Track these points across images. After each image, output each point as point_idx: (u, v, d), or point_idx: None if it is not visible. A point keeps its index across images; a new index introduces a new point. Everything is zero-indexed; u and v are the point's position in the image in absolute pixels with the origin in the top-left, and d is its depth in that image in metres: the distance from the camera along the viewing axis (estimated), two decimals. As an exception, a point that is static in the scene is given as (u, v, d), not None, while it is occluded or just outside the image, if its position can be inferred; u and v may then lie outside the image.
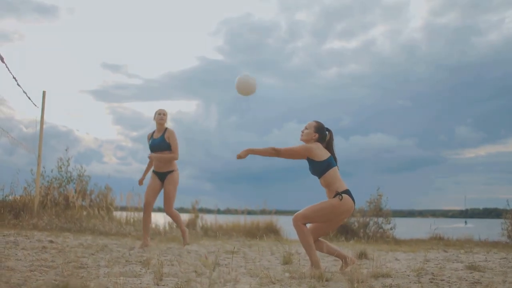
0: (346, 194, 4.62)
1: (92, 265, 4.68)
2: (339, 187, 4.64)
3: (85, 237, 8.37)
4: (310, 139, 4.84)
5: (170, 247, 7.29)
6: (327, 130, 4.92)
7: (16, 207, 10.27)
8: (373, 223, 13.06)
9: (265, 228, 12.65)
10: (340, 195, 4.57)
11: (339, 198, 4.56)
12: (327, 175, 4.67)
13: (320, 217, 4.61)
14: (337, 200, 4.57)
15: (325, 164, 4.67)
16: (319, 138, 4.84)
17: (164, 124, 7.17)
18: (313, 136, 4.83)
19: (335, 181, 4.66)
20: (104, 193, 12.81)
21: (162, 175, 7.12)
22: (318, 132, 4.85)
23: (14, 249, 5.84)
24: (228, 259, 5.94)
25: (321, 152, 4.71)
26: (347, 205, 4.59)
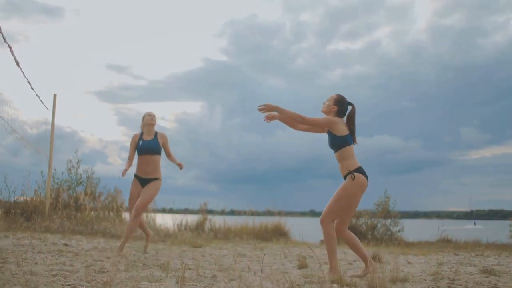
0: (358, 171, 4.66)
1: (111, 269, 4.72)
2: (351, 165, 4.69)
3: (97, 239, 8.41)
4: (329, 111, 4.88)
5: (184, 250, 7.34)
6: (349, 104, 4.93)
7: (28, 210, 10.33)
8: (381, 226, 13.11)
9: (274, 230, 12.70)
10: (352, 174, 4.62)
11: (352, 178, 4.62)
12: (342, 151, 4.73)
13: (342, 206, 4.65)
14: (349, 181, 4.63)
15: (343, 140, 4.72)
16: (338, 111, 4.86)
17: (154, 126, 6.71)
18: (332, 109, 4.86)
19: (348, 158, 4.72)
20: (113, 195, 12.84)
21: (145, 181, 6.54)
22: (337, 105, 4.86)
23: (30, 253, 5.89)
24: (243, 263, 5.98)
25: (342, 127, 4.75)
26: (360, 182, 4.63)
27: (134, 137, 6.70)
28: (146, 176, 6.53)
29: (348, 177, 4.65)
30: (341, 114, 4.87)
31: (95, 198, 12.31)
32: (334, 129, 4.73)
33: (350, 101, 4.93)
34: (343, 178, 4.78)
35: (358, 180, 4.62)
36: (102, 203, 12.25)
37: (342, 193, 4.65)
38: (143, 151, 6.53)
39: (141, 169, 6.55)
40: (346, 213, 4.76)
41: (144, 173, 6.53)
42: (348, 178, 4.65)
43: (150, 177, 6.53)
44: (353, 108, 4.91)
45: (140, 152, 6.55)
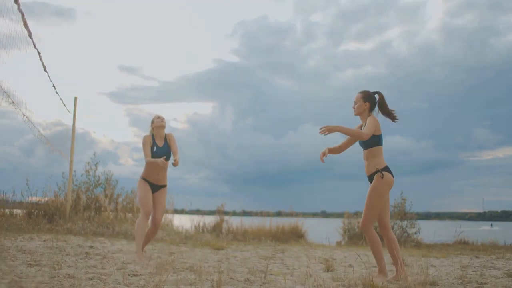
0: (386, 170, 4.71)
1: (143, 272, 4.80)
2: (379, 163, 4.74)
3: (120, 241, 8.51)
4: (363, 111, 4.90)
5: (208, 253, 7.41)
6: (375, 93, 4.97)
7: (49, 211, 10.46)
8: (398, 227, 13.10)
9: (291, 231, 12.74)
10: (381, 172, 4.67)
11: (380, 176, 4.67)
12: (372, 150, 4.77)
13: (376, 206, 4.69)
14: (378, 180, 4.67)
15: (376, 139, 4.76)
16: (371, 106, 4.91)
17: (165, 129, 6.43)
18: (365, 107, 4.89)
19: (376, 157, 4.76)
20: (130, 196, 12.95)
21: (155, 187, 6.34)
22: (367, 101, 4.90)
23: (59, 255, 5.99)
24: (269, 265, 6.04)
25: (378, 126, 4.78)
26: (389, 180, 4.69)
27: (147, 138, 6.32)
28: (156, 183, 6.34)
29: (377, 176, 4.69)
30: (373, 107, 4.93)
31: (112, 200, 12.43)
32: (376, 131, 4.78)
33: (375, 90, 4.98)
34: (368, 177, 4.83)
35: (386, 178, 4.67)
36: (120, 204, 12.36)
37: (374, 194, 4.69)
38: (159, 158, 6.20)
39: (151, 175, 6.30)
40: (384, 213, 4.82)
41: (154, 180, 6.30)
42: (377, 177, 4.69)
43: (160, 184, 6.36)
44: (380, 95, 4.95)
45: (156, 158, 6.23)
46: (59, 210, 10.53)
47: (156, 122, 6.39)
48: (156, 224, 6.32)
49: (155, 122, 6.41)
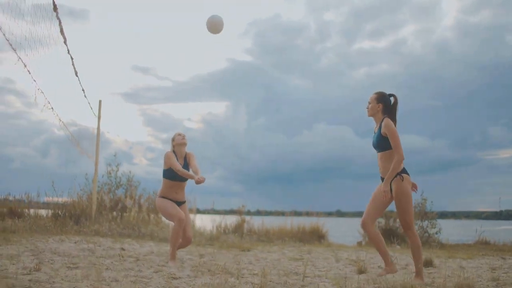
0: (404, 172, 4.74)
1: (182, 275, 4.88)
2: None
3: (147, 243, 8.62)
4: (376, 112, 4.94)
5: (236, 254, 7.49)
6: (391, 96, 4.98)
7: (75, 213, 10.60)
8: (418, 227, 13.08)
9: (312, 232, 12.77)
10: (401, 175, 4.70)
11: (401, 179, 4.70)
12: (387, 153, 4.79)
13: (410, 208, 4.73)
14: (399, 183, 4.69)
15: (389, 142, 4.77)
16: (384, 108, 4.93)
17: (186, 146, 6.32)
18: (378, 108, 4.93)
19: (392, 159, 4.74)
20: (152, 197, 13.06)
21: (177, 204, 6.20)
22: (380, 102, 4.93)
23: (93, 257, 6.10)
24: (299, 267, 6.11)
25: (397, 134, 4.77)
26: (409, 182, 4.72)
27: (171, 154, 6.18)
28: (182, 200, 6.29)
29: (397, 180, 4.71)
30: (387, 109, 4.94)
31: (135, 201, 12.55)
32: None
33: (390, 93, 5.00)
34: (382, 179, 4.85)
35: (406, 180, 4.71)
36: (143, 205, 12.48)
37: (403, 200, 4.70)
38: (177, 179, 6.14)
39: (170, 194, 6.20)
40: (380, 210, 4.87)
41: (173, 198, 6.21)
42: (397, 182, 4.71)
43: (180, 201, 6.27)
44: (395, 99, 4.97)
45: (174, 178, 6.14)
46: (84, 211, 10.67)
47: (177, 139, 6.30)
48: (189, 240, 6.24)
49: (176, 139, 6.32)
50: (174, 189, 6.19)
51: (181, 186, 6.24)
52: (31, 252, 6.29)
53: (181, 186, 6.23)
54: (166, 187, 6.21)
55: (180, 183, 6.19)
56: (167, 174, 6.17)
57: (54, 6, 5.76)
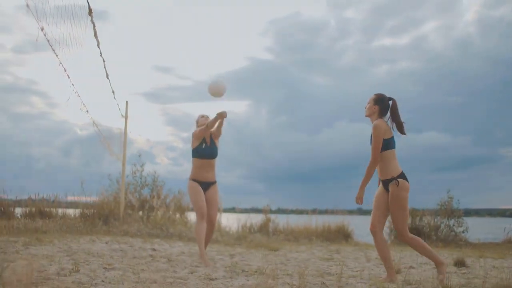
0: (401, 177, 4.70)
1: (218, 276, 4.91)
2: (394, 170, 4.73)
3: (177, 244, 8.68)
4: (372, 113, 4.93)
5: (266, 254, 7.51)
6: (390, 100, 4.95)
7: (103, 213, 10.72)
8: (445, 226, 12.96)
9: (337, 231, 12.73)
10: (396, 180, 4.67)
11: (396, 184, 4.66)
12: (383, 154, 4.75)
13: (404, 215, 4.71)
14: (395, 188, 4.67)
15: (385, 143, 4.75)
16: (381, 110, 4.91)
17: None
18: (374, 109, 4.91)
19: (389, 161, 4.75)
20: (178, 197, 13.16)
21: (206, 185, 6.40)
22: (377, 104, 4.91)
23: (126, 258, 6.17)
24: (331, 267, 6.11)
25: (386, 130, 4.77)
26: (405, 187, 4.68)
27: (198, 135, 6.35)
28: (206, 180, 6.38)
29: (392, 185, 4.70)
30: (383, 112, 4.92)
31: (161, 201, 12.64)
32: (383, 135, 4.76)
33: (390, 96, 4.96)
34: (382, 181, 4.83)
35: (402, 185, 4.67)
36: (168, 205, 12.57)
37: (397, 206, 4.70)
38: (206, 156, 6.34)
39: (200, 174, 6.35)
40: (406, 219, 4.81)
41: (204, 178, 6.36)
42: (393, 186, 4.69)
43: (210, 181, 6.41)
44: (393, 102, 4.93)
45: (202, 156, 6.34)
46: (113, 211, 10.78)
47: (201, 121, 6.51)
48: (212, 222, 6.42)
49: (200, 121, 6.54)
50: (204, 168, 6.35)
51: (211, 165, 6.39)
52: (65, 253, 6.38)
53: (210, 164, 6.37)
54: (196, 168, 6.38)
55: (209, 160, 6.36)
56: (195, 153, 6.36)
57: (89, 10, 5.84)
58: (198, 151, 6.35)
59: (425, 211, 13.28)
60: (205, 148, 6.37)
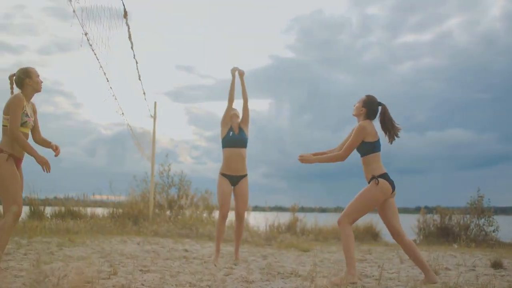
0: (383, 177, 4.62)
1: (255, 279, 4.88)
2: (375, 170, 4.66)
3: (207, 244, 8.69)
4: (359, 114, 4.87)
5: (299, 255, 7.47)
6: (379, 105, 4.86)
7: (133, 213, 10.79)
8: (474, 226, 12.74)
9: (365, 230, 12.63)
10: (376, 179, 4.59)
11: (376, 182, 4.58)
12: (369, 157, 4.70)
13: (361, 208, 4.66)
14: (373, 185, 4.60)
15: (371, 146, 4.69)
16: (367, 113, 4.82)
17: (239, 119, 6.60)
18: (361, 111, 4.84)
19: (373, 164, 4.68)
20: (205, 196, 13.18)
21: (235, 179, 6.41)
22: (365, 106, 4.83)
23: (159, 259, 6.18)
24: (365, 268, 6.04)
25: (371, 133, 4.70)
26: (384, 188, 4.59)
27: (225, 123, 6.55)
28: (236, 173, 6.38)
29: (372, 182, 4.63)
30: (371, 116, 4.84)
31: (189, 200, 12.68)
32: (365, 138, 4.70)
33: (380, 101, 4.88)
34: (367, 183, 4.74)
35: (381, 185, 4.59)
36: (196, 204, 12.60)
37: (363, 195, 4.65)
38: (233, 144, 6.38)
39: (230, 166, 6.38)
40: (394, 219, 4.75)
41: (233, 170, 6.37)
42: (372, 183, 4.62)
43: (240, 174, 6.39)
44: (383, 109, 4.84)
45: (229, 145, 6.38)
46: (142, 212, 10.85)
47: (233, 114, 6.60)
48: (239, 217, 6.48)
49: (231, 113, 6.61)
50: (233, 158, 6.38)
51: (240, 155, 6.39)
52: (99, 254, 6.44)
53: (239, 154, 6.39)
54: (225, 159, 6.43)
55: (238, 150, 6.38)
56: (223, 142, 6.46)
57: (124, 12, 5.87)
58: (226, 140, 6.44)
59: (454, 209, 13.10)
60: (232, 136, 6.43)
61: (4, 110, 4.60)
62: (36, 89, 4.77)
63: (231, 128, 6.49)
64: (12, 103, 4.53)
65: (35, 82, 4.73)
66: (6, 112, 4.56)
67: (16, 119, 4.49)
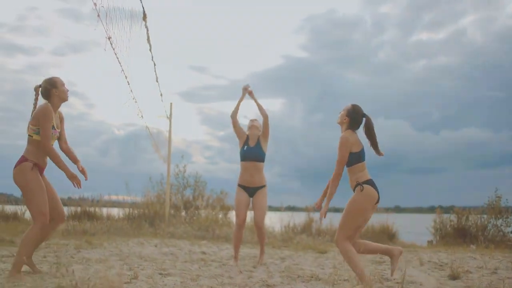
0: (368, 184, 4.53)
1: (276, 282, 4.86)
2: (360, 177, 4.57)
3: (224, 246, 8.67)
4: (342, 122, 4.80)
5: (317, 257, 7.43)
6: (363, 116, 4.77)
7: (149, 215, 10.80)
8: (492, 226, 12.58)
9: (381, 231, 12.51)
10: (361, 185, 4.50)
11: (360, 189, 4.49)
12: (354, 167, 4.61)
13: (353, 222, 4.53)
14: (358, 193, 4.51)
15: (355, 156, 4.60)
16: (351, 123, 4.73)
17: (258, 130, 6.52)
18: (344, 120, 4.76)
19: (358, 173, 4.59)
20: (220, 197, 13.16)
21: (252, 190, 6.38)
22: (349, 116, 4.73)
23: (178, 262, 6.17)
24: (385, 271, 5.98)
25: (355, 144, 4.62)
26: (369, 194, 4.49)
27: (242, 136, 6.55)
28: (252, 185, 6.36)
29: (357, 189, 4.53)
30: (354, 126, 4.74)
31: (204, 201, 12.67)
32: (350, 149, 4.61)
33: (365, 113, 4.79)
34: (353, 191, 4.64)
35: (366, 191, 4.49)
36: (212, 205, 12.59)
37: (352, 208, 4.52)
38: (246, 158, 6.36)
39: (245, 178, 6.38)
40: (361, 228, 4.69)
41: (249, 183, 6.36)
42: (357, 190, 4.53)
43: (256, 185, 6.37)
44: (367, 121, 4.76)
45: (243, 158, 6.38)
46: (158, 213, 10.85)
47: (249, 123, 6.58)
48: (258, 226, 6.42)
49: (248, 124, 6.59)
50: (248, 171, 6.36)
51: (255, 168, 6.36)
52: (117, 257, 6.44)
53: (254, 167, 6.35)
54: (241, 170, 6.43)
55: (252, 163, 6.34)
56: (239, 155, 6.45)
57: (144, 15, 5.87)
58: (240, 153, 6.44)
59: (471, 209, 12.96)
60: (246, 149, 6.38)
61: (31, 120, 4.60)
62: (63, 99, 4.79)
63: (247, 141, 6.46)
64: (42, 115, 4.52)
65: (62, 91, 4.74)
66: (34, 123, 4.56)
67: (47, 133, 4.50)
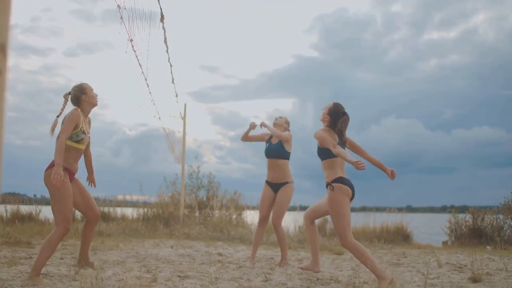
0: (337, 181, 4.60)
1: (295, 285, 4.83)
2: (329, 175, 4.67)
3: (239, 247, 8.65)
4: (323, 120, 4.91)
5: (334, 259, 7.39)
6: (343, 114, 4.83)
7: (164, 215, 10.81)
8: (508, 226, 12.46)
9: (395, 232, 12.43)
10: (331, 185, 4.60)
11: (330, 189, 4.59)
12: (326, 162, 4.74)
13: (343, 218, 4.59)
14: (330, 192, 4.62)
15: (327, 152, 4.68)
16: (331, 121, 4.83)
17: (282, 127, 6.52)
18: (325, 118, 4.86)
19: (329, 168, 4.70)
20: (234, 198, 13.15)
21: (276, 186, 6.42)
22: (330, 114, 4.84)
23: (195, 264, 6.16)
24: (404, 274, 5.93)
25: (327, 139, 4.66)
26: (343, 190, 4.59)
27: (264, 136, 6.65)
28: (275, 181, 6.40)
29: (328, 189, 4.65)
30: (333, 124, 4.84)
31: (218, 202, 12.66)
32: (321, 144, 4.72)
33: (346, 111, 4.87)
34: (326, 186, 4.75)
35: (338, 189, 4.58)
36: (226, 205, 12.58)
37: (333, 209, 4.64)
38: (267, 155, 6.45)
39: (269, 174, 6.46)
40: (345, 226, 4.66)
41: (272, 178, 6.41)
42: (328, 190, 4.65)
43: (279, 182, 6.38)
44: (345, 118, 4.83)
45: (265, 155, 6.48)
46: (172, 214, 10.86)
47: (275, 122, 6.60)
48: (273, 225, 6.49)
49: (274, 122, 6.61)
50: (271, 168, 6.42)
51: (277, 165, 6.41)
52: (134, 259, 6.44)
53: (276, 164, 6.41)
54: (267, 167, 6.49)
55: (273, 160, 6.41)
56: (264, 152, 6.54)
57: (161, 16, 5.86)
58: (264, 150, 6.54)
59: (487, 209, 12.84)
60: (268, 147, 6.51)
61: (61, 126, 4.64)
62: (93, 104, 4.85)
63: (270, 138, 6.57)
64: (69, 116, 4.60)
65: (91, 96, 4.80)
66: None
67: (66, 130, 4.53)
